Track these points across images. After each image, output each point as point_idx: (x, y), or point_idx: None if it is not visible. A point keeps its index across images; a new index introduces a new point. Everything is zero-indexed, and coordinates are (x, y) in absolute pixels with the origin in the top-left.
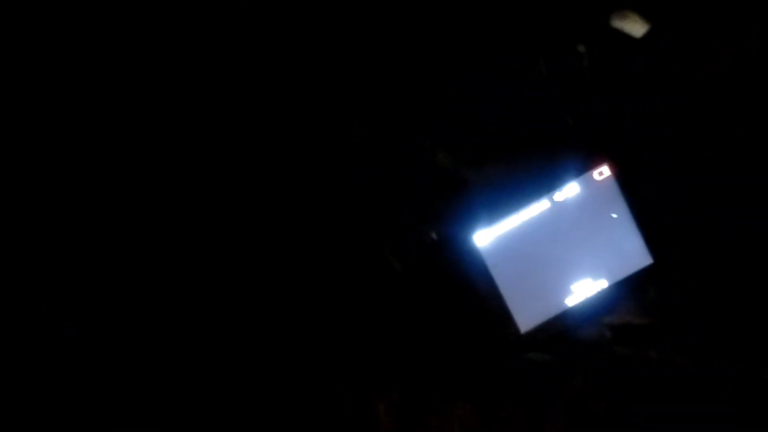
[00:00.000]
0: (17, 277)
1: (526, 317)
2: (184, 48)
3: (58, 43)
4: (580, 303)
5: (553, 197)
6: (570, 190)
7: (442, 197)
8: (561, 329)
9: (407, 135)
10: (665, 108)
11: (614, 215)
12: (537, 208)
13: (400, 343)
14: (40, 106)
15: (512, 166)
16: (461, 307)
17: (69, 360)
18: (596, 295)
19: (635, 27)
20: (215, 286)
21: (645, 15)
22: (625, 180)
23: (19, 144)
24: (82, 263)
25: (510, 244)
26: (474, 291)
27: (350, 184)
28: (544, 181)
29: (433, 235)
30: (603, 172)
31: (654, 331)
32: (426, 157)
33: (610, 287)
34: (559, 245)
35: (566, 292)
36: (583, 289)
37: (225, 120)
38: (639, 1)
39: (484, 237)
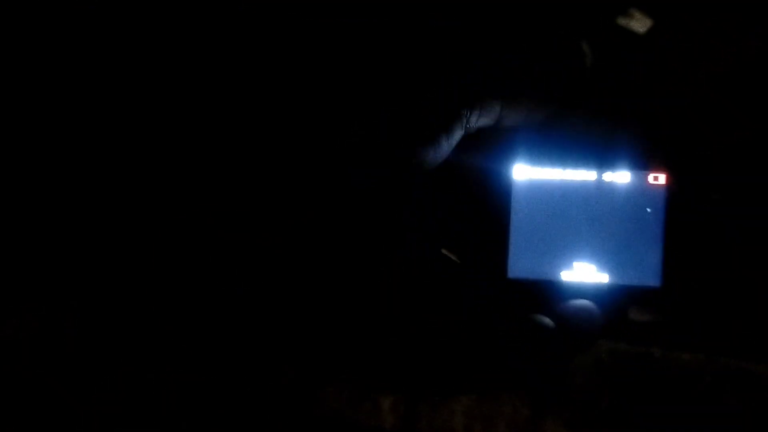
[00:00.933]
0: (17, 276)
1: (518, 266)
2: (184, 48)
3: (59, 43)
4: (572, 282)
5: (603, 175)
6: (621, 177)
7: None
8: (544, 296)
9: (407, 135)
10: (665, 108)
11: (647, 215)
12: (582, 175)
13: (402, 340)
14: (40, 106)
15: (587, 123)
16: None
17: (69, 360)
18: (591, 284)
19: (638, 23)
20: (215, 286)
21: (648, 12)
22: (674, 197)
23: (19, 144)
24: (82, 263)
25: (541, 194)
26: (480, 220)
27: (350, 184)
28: (603, 155)
29: (450, 256)
30: (659, 179)
31: (657, 328)
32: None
33: (608, 285)
34: (583, 221)
35: (566, 266)
36: (583, 273)
37: (225, 120)
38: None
39: (522, 173)
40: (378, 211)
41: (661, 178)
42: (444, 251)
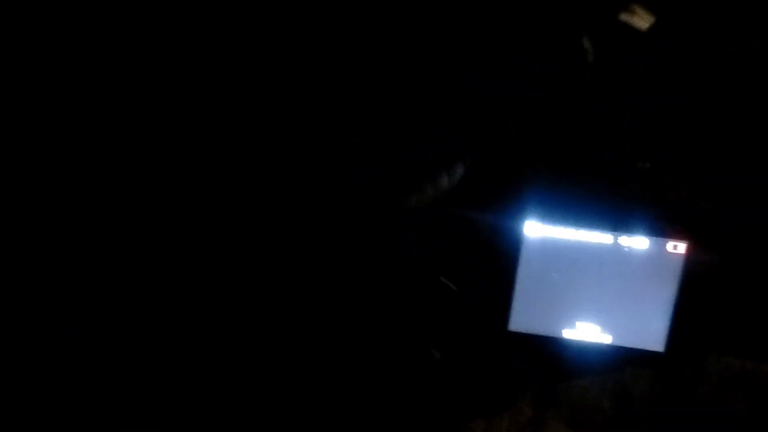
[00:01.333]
0: (17, 276)
1: (520, 320)
2: (184, 48)
3: (59, 43)
4: (574, 341)
5: (619, 239)
6: (638, 243)
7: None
8: (544, 350)
9: (407, 135)
10: (665, 108)
11: (661, 283)
12: (598, 237)
13: (400, 342)
14: (40, 106)
15: (603, 187)
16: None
17: (69, 360)
18: (594, 344)
19: (641, 20)
20: (215, 286)
21: (650, 8)
22: (691, 267)
23: (19, 144)
24: (82, 263)
25: (551, 251)
26: (488, 272)
27: (350, 184)
28: (621, 219)
29: (448, 284)
30: (678, 248)
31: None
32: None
33: (610, 346)
34: (593, 281)
35: (569, 324)
36: (586, 332)
37: (225, 120)
38: None
39: (535, 230)
40: (378, 212)
41: (682, 248)
42: (442, 279)
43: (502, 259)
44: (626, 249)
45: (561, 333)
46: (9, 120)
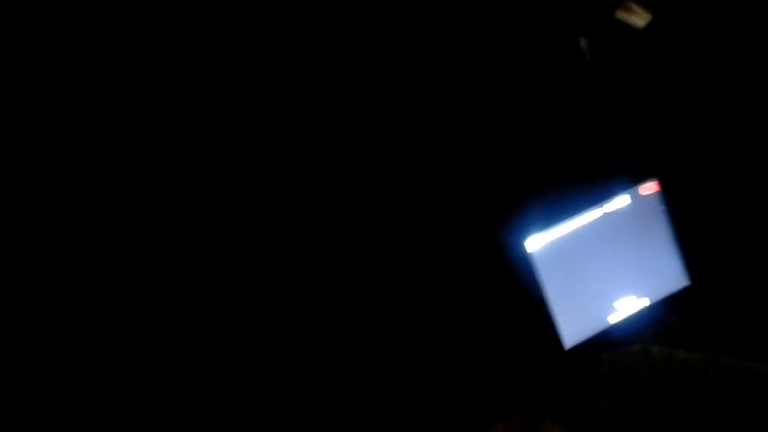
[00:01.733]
0: (17, 276)
1: (572, 333)
2: (184, 48)
3: (59, 43)
4: (622, 320)
5: (605, 208)
6: (620, 201)
7: (499, 202)
8: (602, 346)
9: (407, 135)
10: (665, 108)
11: (656, 224)
12: (589, 217)
13: (400, 342)
14: (40, 106)
15: (567, 175)
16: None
17: (69, 360)
18: (637, 313)
19: (638, 18)
20: (215, 286)
21: (648, 6)
22: (669, 197)
23: (19, 144)
24: (82, 263)
25: (561, 251)
26: (520, 301)
27: (350, 184)
28: (597, 192)
29: (434, 336)
30: (650, 188)
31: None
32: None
33: (650, 306)
34: (607, 257)
35: (610, 308)
36: (626, 307)
37: (225, 120)
38: None
39: (536, 242)
40: (378, 211)
41: (653, 186)
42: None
43: (522, 286)
44: (615, 212)
45: (609, 322)
46: (9, 120)
